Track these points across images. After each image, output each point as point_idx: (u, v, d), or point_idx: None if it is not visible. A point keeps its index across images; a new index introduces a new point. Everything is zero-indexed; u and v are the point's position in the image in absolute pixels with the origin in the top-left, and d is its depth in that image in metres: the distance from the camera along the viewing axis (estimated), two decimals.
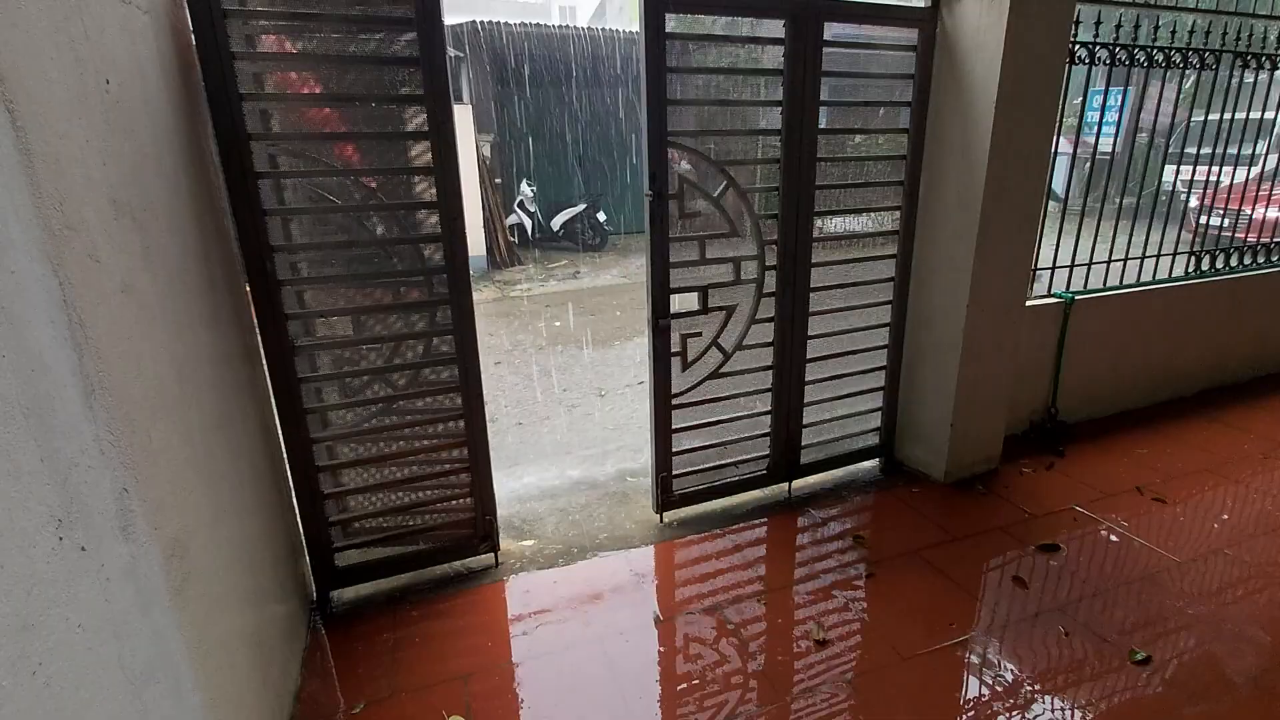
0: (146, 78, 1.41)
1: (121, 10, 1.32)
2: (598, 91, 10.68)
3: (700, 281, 2.53)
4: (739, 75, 2.56)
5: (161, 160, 1.43)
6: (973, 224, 2.65)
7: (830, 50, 2.47)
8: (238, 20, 1.78)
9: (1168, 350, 3.74)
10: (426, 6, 1.91)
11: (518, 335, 6.28)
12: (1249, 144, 4.66)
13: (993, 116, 2.51)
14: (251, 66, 1.84)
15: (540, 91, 10.36)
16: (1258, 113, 3.96)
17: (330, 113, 2.01)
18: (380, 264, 2.10)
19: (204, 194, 1.71)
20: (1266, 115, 4.00)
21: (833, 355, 2.85)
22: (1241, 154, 3.80)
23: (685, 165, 2.44)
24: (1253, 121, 4.15)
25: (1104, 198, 3.51)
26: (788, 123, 2.47)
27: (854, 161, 2.72)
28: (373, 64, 1.97)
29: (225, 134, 1.81)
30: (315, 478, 2.15)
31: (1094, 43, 2.99)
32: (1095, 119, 3.42)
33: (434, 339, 2.21)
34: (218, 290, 1.72)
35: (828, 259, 2.72)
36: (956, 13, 2.56)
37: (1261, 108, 3.88)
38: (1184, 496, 2.90)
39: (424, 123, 2.01)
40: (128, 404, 1.09)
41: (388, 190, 2.07)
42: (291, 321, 2.01)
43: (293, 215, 1.98)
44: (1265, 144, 5.61)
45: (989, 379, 2.92)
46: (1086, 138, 6.60)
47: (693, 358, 2.60)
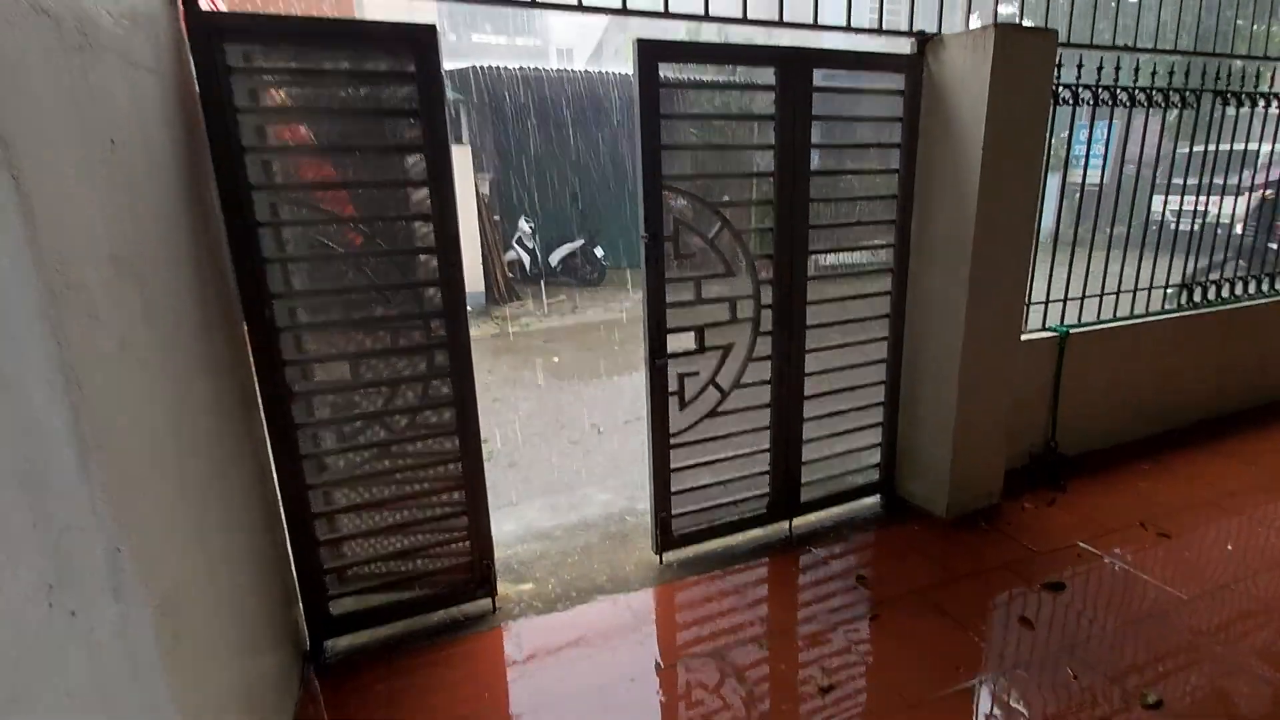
0: (150, 134, 1.44)
1: (128, 71, 1.35)
2: (594, 130, 10.88)
3: (696, 321, 2.55)
4: (731, 120, 2.61)
5: (163, 213, 1.46)
6: (964, 261, 2.68)
7: (820, 95, 2.53)
8: (242, 76, 1.83)
9: (1164, 381, 3.75)
10: (425, 61, 1.96)
11: (516, 371, 6.28)
12: (1234, 174, 4.72)
13: (980, 157, 2.56)
14: (254, 119, 1.88)
15: (538, 131, 10.55)
16: (1242, 144, 4.03)
17: (332, 162, 2.04)
18: (378, 308, 2.11)
19: (204, 243, 1.73)
20: (1251, 146, 4.07)
21: (830, 392, 2.86)
22: (1228, 183, 3.87)
23: (680, 205, 2.47)
24: (1238, 152, 4.23)
25: (1094, 228, 3.55)
26: (780, 165, 2.52)
27: (846, 201, 2.76)
28: (373, 115, 2.01)
29: (227, 184, 1.84)
30: (311, 524, 2.13)
31: (1077, 84, 3.07)
32: (1082, 151, 3.47)
33: (431, 382, 2.21)
34: (216, 338, 1.73)
35: (823, 296, 2.74)
36: (942, 59, 2.63)
37: (1245, 139, 3.95)
38: (1188, 531, 2.87)
39: (423, 171, 2.05)
40: (123, 462, 1.09)
41: (387, 236, 2.10)
42: (289, 367, 2.02)
43: (292, 262, 2.00)
44: (1250, 174, 5.70)
45: (987, 414, 2.93)
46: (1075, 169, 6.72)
47: (690, 397, 2.61)
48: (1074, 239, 3.33)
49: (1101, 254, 3.44)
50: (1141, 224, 3.68)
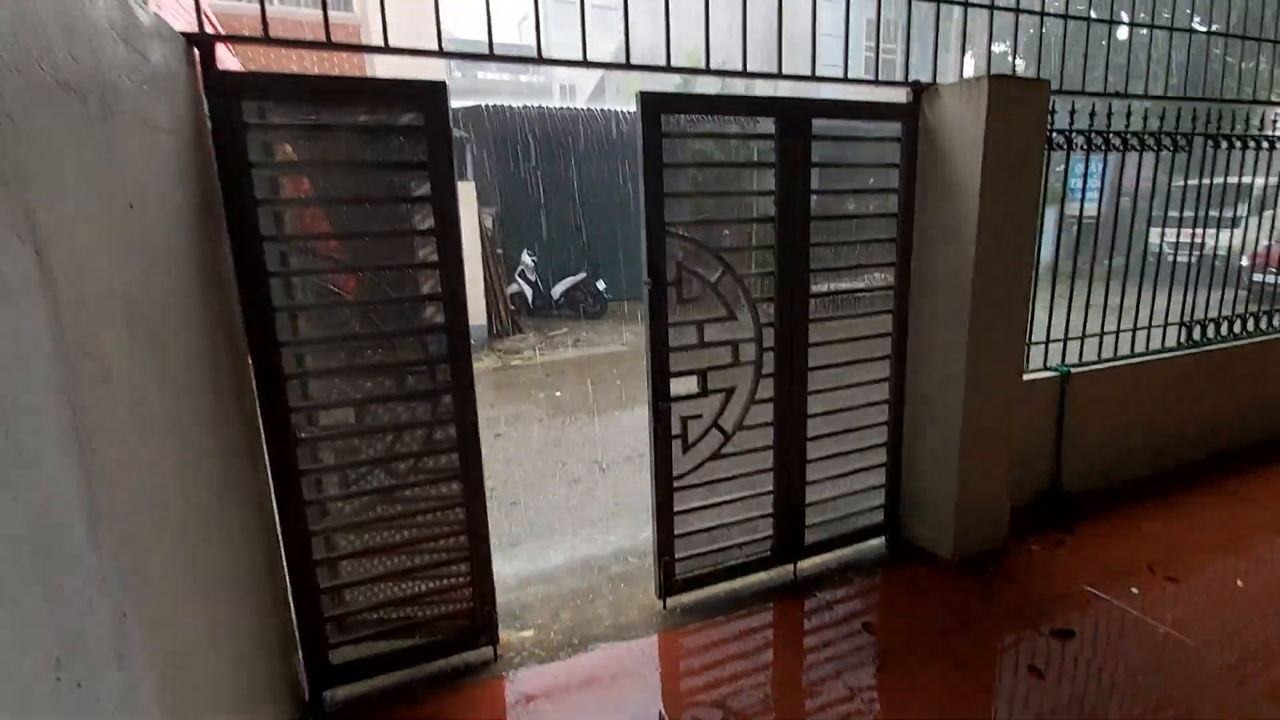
0: (166, 193, 1.47)
1: (147, 134, 1.39)
2: (596, 165, 11.07)
3: (699, 364, 2.56)
4: (733, 168, 2.66)
5: (177, 269, 1.49)
6: (964, 303, 2.71)
7: (819, 142, 2.59)
8: (257, 131, 1.88)
9: (1168, 420, 3.75)
10: (434, 116, 2.02)
11: (518, 405, 6.28)
12: (1229, 207, 4.76)
13: (977, 202, 2.60)
14: (267, 172, 1.93)
15: (542, 166, 10.74)
16: (1236, 178, 4.08)
17: (342, 213, 2.09)
18: (384, 354, 2.13)
19: (215, 295, 1.75)
20: (1244, 180, 4.11)
21: (833, 433, 2.86)
22: (1223, 217, 3.91)
23: (683, 250, 2.50)
24: (1232, 186, 4.28)
25: (1093, 260, 3.59)
26: (780, 210, 2.56)
27: (846, 245, 2.80)
28: (383, 168, 2.06)
29: (239, 236, 1.88)
30: (312, 571, 2.12)
31: (1070, 130, 3.13)
32: (1079, 185, 3.53)
33: (435, 427, 2.22)
34: (224, 388, 1.75)
35: (824, 339, 2.76)
36: (937, 107, 2.70)
37: (1238, 173, 4.00)
38: (1195, 574, 2.84)
39: (431, 222, 2.09)
40: (131, 526, 1.09)
41: (394, 283, 2.13)
42: (295, 414, 2.03)
43: (301, 310, 2.03)
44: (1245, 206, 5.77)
45: (990, 454, 2.92)
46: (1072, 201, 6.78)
47: (693, 439, 2.61)
48: (1073, 274, 3.36)
49: (1101, 288, 3.46)
50: (1139, 257, 3.72)
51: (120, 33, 1.29)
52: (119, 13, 1.30)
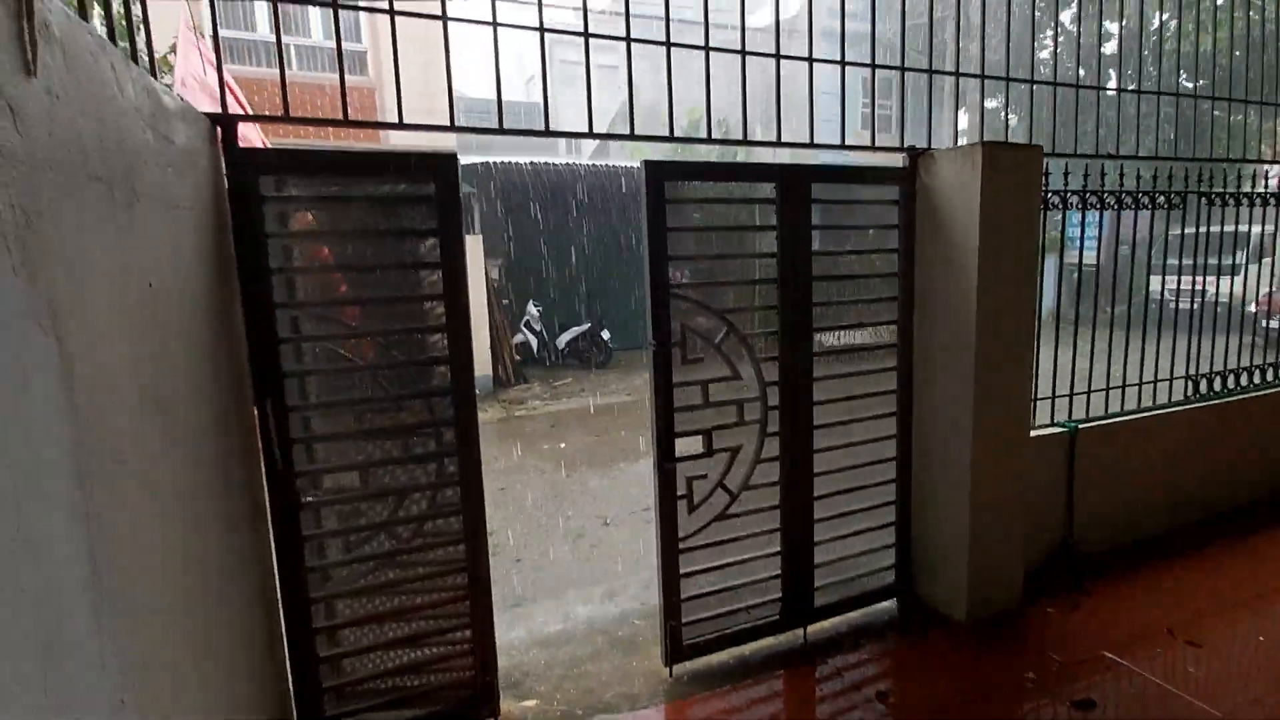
0: (184, 269, 1.52)
1: (169, 214, 1.44)
2: (601, 217, 11.31)
3: (704, 424, 2.56)
4: (735, 232, 2.72)
5: (190, 341, 1.51)
6: (969, 361, 2.72)
7: (819, 205, 2.65)
8: (274, 203, 1.94)
9: (1181, 474, 3.70)
10: (444, 186, 2.08)
11: (522, 457, 6.25)
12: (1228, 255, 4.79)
13: (976, 264, 2.64)
14: (282, 242, 1.98)
15: (547, 219, 10.98)
16: (1233, 226, 4.10)
17: (353, 279, 2.13)
18: (391, 418, 2.14)
19: (226, 363, 1.78)
20: (1241, 228, 4.13)
21: (840, 492, 2.83)
22: (1222, 264, 3.93)
23: (686, 312, 2.53)
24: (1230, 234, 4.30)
25: (1095, 308, 3.60)
26: (782, 271, 2.60)
27: (849, 304, 2.83)
28: (395, 236, 2.12)
29: (252, 303, 1.92)
30: (312, 641, 2.08)
31: (1065, 190, 3.20)
32: (1076, 233, 3.56)
33: (440, 490, 2.21)
34: (231, 456, 1.75)
35: (829, 396, 2.76)
36: (933, 171, 2.77)
37: (1234, 222, 4.01)
38: (1217, 637, 2.76)
39: (440, 287, 2.13)
40: (135, 610, 1.08)
41: (403, 348, 2.16)
42: (300, 479, 2.03)
43: (310, 375, 2.05)
44: (1244, 254, 5.82)
45: (1001, 513, 2.88)
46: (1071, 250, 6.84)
47: (699, 500, 2.58)
48: (1075, 324, 3.37)
49: (1105, 337, 3.44)
50: (1140, 304, 3.73)
51: (148, 120, 1.35)
52: (147, 100, 1.36)
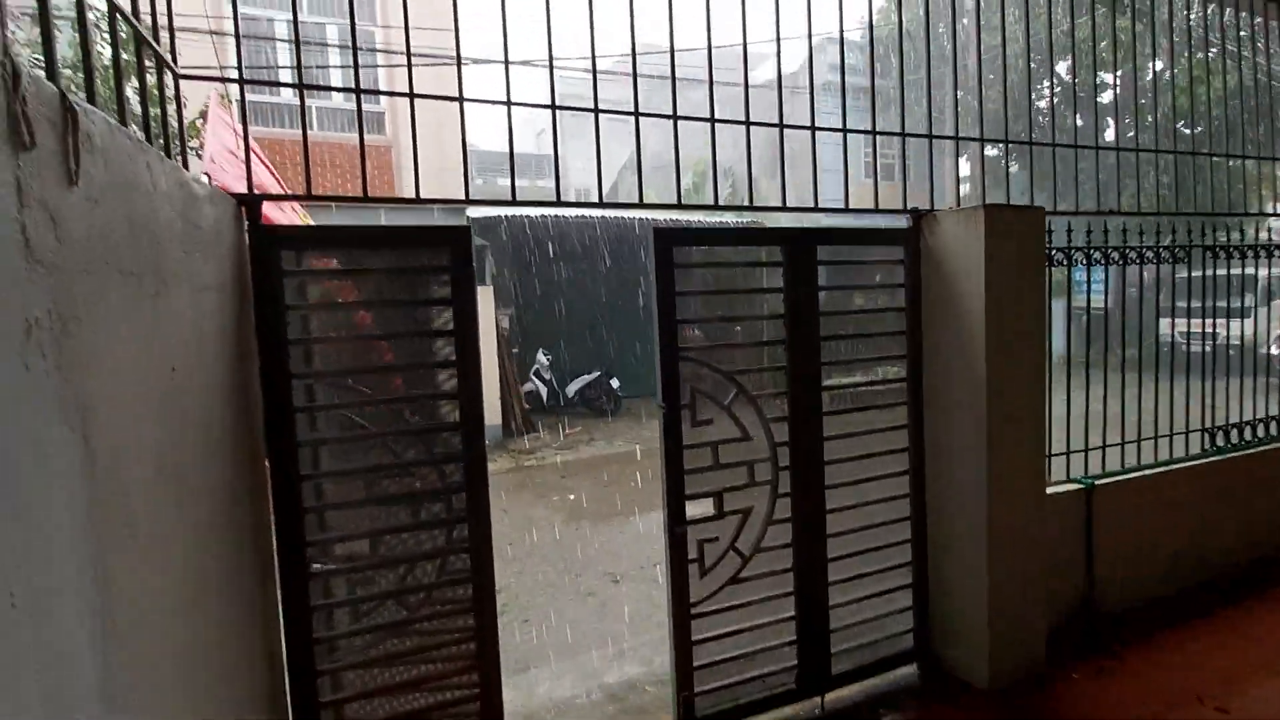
0: (206, 348, 1.56)
1: (194, 295, 1.49)
2: (610, 266, 11.49)
3: (714, 486, 2.55)
4: (743, 294, 2.76)
5: (208, 418, 1.54)
6: (980, 420, 2.70)
7: (825, 266, 2.69)
8: (293, 277, 2.00)
9: (1203, 529, 3.61)
10: (458, 257, 2.14)
11: (531, 510, 6.20)
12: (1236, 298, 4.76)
13: (984, 324, 2.65)
14: (300, 313, 2.03)
15: (556, 267, 11.17)
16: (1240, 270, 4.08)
17: (369, 347, 2.17)
18: (402, 484, 2.15)
19: (243, 437, 1.81)
20: (1249, 272, 4.10)
21: (855, 553, 2.78)
22: (1231, 307, 3.91)
23: (695, 374, 2.55)
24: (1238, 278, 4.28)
25: (1105, 351, 3.58)
26: (791, 333, 2.63)
27: (858, 363, 2.85)
28: (409, 305, 2.17)
29: (270, 374, 1.95)
30: (317, 716, 2.04)
31: (1069, 247, 3.24)
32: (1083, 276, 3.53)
33: (450, 557, 2.20)
34: (244, 527, 1.76)
35: (840, 455, 2.75)
36: (936, 232, 2.81)
37: (1242, 265, 3.99)
38: (1248, 703, 2.65)
39: (452, 354, 2.16)
40: (144, 689, 1.08)
41: (416, 412, 2.18)
42: (311, 548, 2.03)
43: (323, 444, 2.07)
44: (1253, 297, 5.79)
45: (1020, 573, 2.81)
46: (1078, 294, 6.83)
47: (710, 563, 2.55)
48: (1086, 378, 3.35)
49: (1116, 382, 3.40)
50: (1151, 347, 3.69)
51: (179, 210, 1.41)
52: (179, 191, 1.43)
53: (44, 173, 0.92)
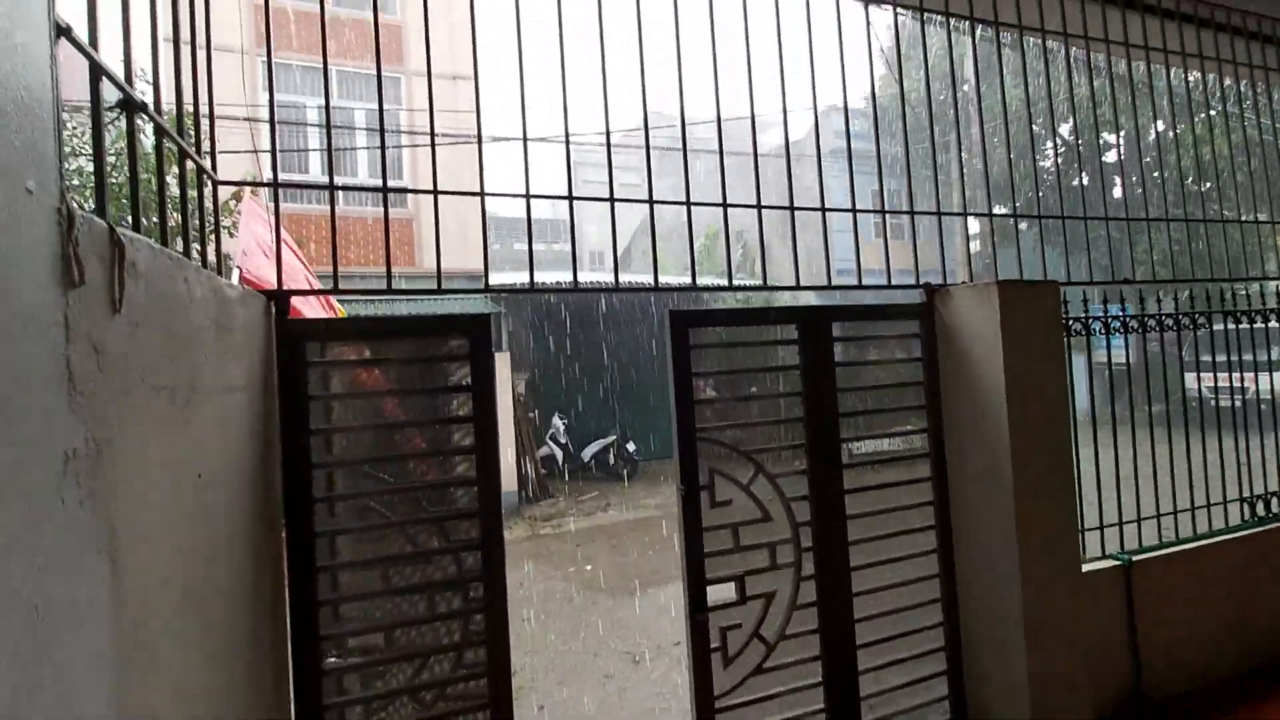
0: (232, 449, 1.58)
1: (223, 398, 1.52)
2: (624, 329, 11.62)
3: (736, 570, 2.49)
4: (760, 373, 2.76)
5: (231, 521, 1.55)
6: (1007, 496, 2.64)
7: (841, 343, 2.70)
8: (317, 368, 2.05)
9: (1250, 607, 3.43)
10: (478, 344, 2.18)
11: (547, 581, 6.07)
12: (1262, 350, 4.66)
13: (1005, 399, 2.62)
14: (323, 404, 2.06)
15: (572, 331, 11.31)
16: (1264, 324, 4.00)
17: (388, 434, 2.19)
18: (418, 575, 2.12)
19: (264, 530, 1.80)
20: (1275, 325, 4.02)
21: (885, 639, 2.67)
22: (1259, 360, 3.82)
23: (713, 454, 2.53)
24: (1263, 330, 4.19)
25: (1132, 409, 3.49)
26: (808, 410, 2.62)
27: (878, 439, 2.81)
28: (430, 393, 2.19)
29: (291, 465, 1.97)
30: None
31: (1087, 317, 3.22)
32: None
33: (465, 651, 2.15)
34: (262, 628, 1.74)
35: (864, 535, 2.68)
36: (950, 306, 2.83)
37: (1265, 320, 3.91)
38: None
39: (471, 440, 2.18)
40: None
41: (432, 500, 2.18)
42: (325, 642, 1.99)
43: (341, 534, 2.07)
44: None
45: (1060, 659, 2.67)
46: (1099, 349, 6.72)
47: (734, 652, 2.46)
48: (1115, 447, 3.26)
49: (1144, 439, 3.30)
50: (1178, 403, 3.60)
51: (213, 317, 1.46)
52: (213, 299, 1.48)
53: (91, 306, 0.96)
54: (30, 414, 0.81)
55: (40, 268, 0.86)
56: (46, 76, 0.94)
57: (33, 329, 0.83)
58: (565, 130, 2.32)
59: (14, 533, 0.76)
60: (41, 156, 0.89)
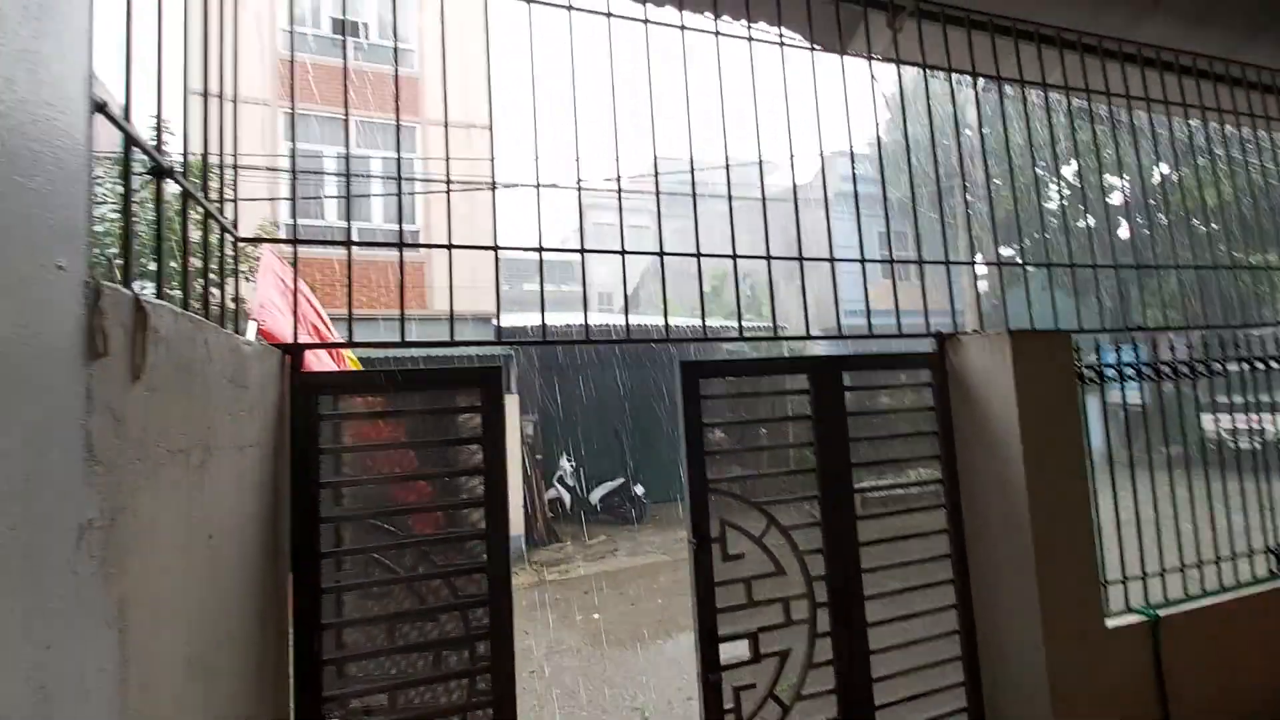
0: (243, 507, 1.57)
1: (236, 457, 1.53)
2: (634, 372, 11.63)
3: (749, 626, 2.42)
4: (771, 424, 2.75)
5: (239, 581, 1.53)
6: (1026, 550, 2.57)
7: (852, 392, 2.69)
8: (329, 420, 2.05)
9: None
10: (490, 395, 2.19)
11: (554, 630, 5.93)
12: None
13: (1020, 446, 2.59)
14: (333, 457, 2.06)
15: (579, 373, 11.33)
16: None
17: (398, 487, 2.18)
18: (425, 632, 2.08)
19: (270, 587, 1.78)
20: None
21: (905, 699, 2.58)
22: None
23: (725, 506, 2.50)
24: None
25: (1149, 449, 3.41)
26: (821, 460, 2.59)
27: (892, 489, 2.77)
28: (441, 445, 2.19)
29: (299, 520, 1.96)
30: None
31: (1099, 365, 3.20)
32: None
33: (471, 712, 2.09)
34: (265, 692, 1.70)
35: (880, 590, 2.62)
36: (962, 355, 2.82)
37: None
38: None
39: (482, 492, 2.16)
40: None
41: (441, 555, 2.15)
42: (328, 704, 1.94)
43: (348, 590, 2.04)
44: None
45: None
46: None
47: (748, 714, 2.38)
48: (1134, 496, 3.19)
49: (1163, 482, 3.22)
50: (1195, 444, 3.52)
51: (230, 376, 1.47)
52: (230, 356, 1.50)
53: (112, 375, 0.97)
54: (48, 488, 0.81)
55: (66, 342, 0.87)
56: (83, 152, 0.97)
57: (55, 402, 0.84)
58: (577, 184, 2.37)
59: (25, 614, 0.75)
60: (73, 231, 0.91)
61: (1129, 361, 3.27)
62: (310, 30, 9.63)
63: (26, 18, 0.83)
